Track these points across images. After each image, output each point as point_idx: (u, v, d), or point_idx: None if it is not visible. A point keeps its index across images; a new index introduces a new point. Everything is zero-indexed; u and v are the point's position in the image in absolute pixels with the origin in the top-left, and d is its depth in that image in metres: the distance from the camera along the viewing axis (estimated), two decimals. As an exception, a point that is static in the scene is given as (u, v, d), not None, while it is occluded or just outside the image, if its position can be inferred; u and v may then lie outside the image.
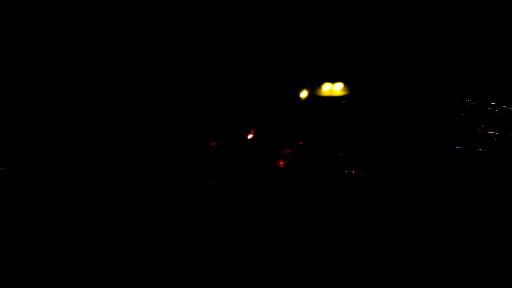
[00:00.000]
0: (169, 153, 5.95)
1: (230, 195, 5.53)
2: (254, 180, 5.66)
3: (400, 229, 4.70)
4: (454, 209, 4.95)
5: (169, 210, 5.23)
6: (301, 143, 5.93)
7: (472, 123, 5.40)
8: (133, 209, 5.22)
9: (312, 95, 6.11)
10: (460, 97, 5.58)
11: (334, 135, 5.93)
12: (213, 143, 5.96)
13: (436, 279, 3.85)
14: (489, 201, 5.00)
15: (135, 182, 5.63)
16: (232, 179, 5.71)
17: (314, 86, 6.14)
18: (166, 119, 6.20)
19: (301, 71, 6.29)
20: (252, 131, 5.93)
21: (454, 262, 4.10)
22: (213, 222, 5.00)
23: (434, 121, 5.68)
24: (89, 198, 5.36)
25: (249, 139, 5.94)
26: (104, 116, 6.11)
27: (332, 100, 6.14)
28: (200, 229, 4.83)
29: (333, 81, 6.11)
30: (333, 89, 6.05)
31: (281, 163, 5.71)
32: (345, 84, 6.13)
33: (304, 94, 6.14)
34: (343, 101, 6.03)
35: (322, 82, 6.05)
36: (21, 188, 5.43)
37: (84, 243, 4.48)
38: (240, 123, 6.18)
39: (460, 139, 5.42)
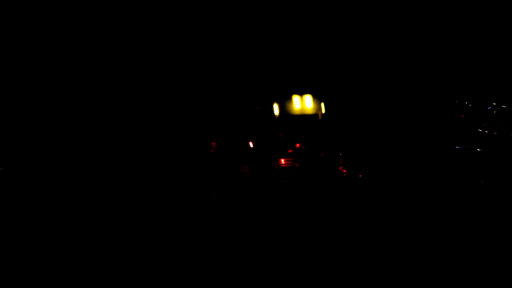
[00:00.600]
0: (170, 153, 5.95)
1: (230, 194, 5.54)
2: (255, 180, 5.68)
3: (400, 228, 4.70)
4: (454, 208, 4.95)
5: (169, 209, 5.24)
6: (298, 145, 5.95)
7: (472, 123, 5.42)
8: (133, 208, 5.22)
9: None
10: (460, 98, 5.60)
11: (335, 136, 5.94)
12: (213, 143, 5.97)
13: (436, 278, 3.85)
14: (488, 200, 5.01)
15: (135, 181, 5.64)
16: (232, 178, 5.72)
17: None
18: (166, 120, 6.21)
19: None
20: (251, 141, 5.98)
21: (454, 261, 4.10)
22: (213, 221, 5.00)
23: (434, 121, 5.70)
24: (89, 198, 5.36)
25: (251, 146, 5.98)
26: (105, 116, 6.11)
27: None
28: (200, 228, 4.83)
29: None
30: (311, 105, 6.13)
31: (282, 162, 5.72)
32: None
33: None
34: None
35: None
36: (21, 188, 5.43)
37: (84, 243, 4.48)
38: (240, 125, 6.19)
39: (460, 139, 5.44)
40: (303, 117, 6.22)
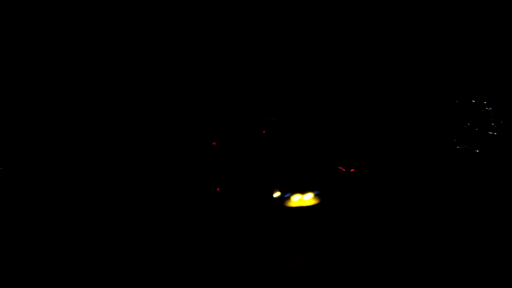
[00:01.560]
0: (170, 153, 5.94)
1: (231, 194, 5.53)
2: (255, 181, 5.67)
3: (401, 228, 4.71)
4: (454, 208, 4.96)
5: (169, 209, 5.23)
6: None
7: (472, 123, 5.42)
8: (133, 209, 5.21)
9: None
10: (460, 97, 5.60)
11: (338, 135, 5.94)
12: (214, 143, 5.96)
13: (436, 278, 3.86)
14: (489, 200, 5.02)
15: (135, 182, 5.63)
16: (233, 178, 5.71)
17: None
18: (167, 119, 6.20)
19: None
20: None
21: (454, 261, 4.11)
22: (213, 222, 5.00)
23: (435, 121, 5.70)
24: (89, 199, 5.35)
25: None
26: (105, 116, 6.10)
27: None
28: (200, 229, 4.83)
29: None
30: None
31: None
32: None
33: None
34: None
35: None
36: (21, 188, 5.41)
37: (84, 243, 4.47)
38: (242, 124, 6.18)
39: (460, 139, 5.44)
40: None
